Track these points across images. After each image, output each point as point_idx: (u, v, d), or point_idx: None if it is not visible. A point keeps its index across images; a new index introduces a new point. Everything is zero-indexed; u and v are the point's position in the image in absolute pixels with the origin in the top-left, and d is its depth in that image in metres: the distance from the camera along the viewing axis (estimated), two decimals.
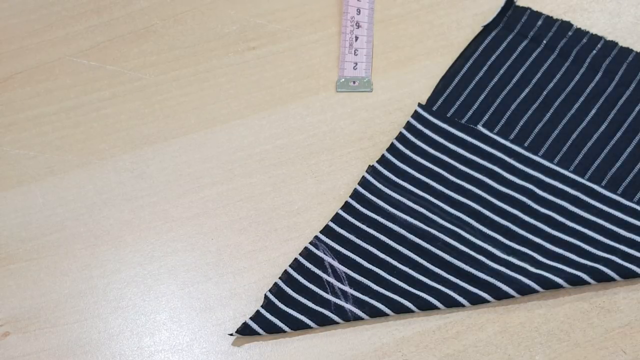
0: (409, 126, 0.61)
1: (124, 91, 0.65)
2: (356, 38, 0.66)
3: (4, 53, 0.67)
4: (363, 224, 0.56)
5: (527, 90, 0.62)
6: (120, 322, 0.54)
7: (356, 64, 0.65)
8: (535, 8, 0.66)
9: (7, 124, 0.63)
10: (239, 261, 0.56)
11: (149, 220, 0.58)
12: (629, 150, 0.59)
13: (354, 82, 0.64)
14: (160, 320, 0.54)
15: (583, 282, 0.53)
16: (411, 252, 0.55)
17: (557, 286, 0.53)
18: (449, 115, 0.61)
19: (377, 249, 0.55)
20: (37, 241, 0.58)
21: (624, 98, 0.61)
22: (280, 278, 0.54)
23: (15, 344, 0.53)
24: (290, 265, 0.55)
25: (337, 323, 0.53)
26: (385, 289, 0.54)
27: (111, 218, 0.58)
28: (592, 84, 0.62)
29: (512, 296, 0.53)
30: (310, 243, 0.56)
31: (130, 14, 0.69)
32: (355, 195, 0.58)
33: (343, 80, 0.64)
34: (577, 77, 0.62)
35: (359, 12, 0.67)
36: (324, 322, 0.53)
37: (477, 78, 0.63)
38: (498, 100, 0.62)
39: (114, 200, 0.59)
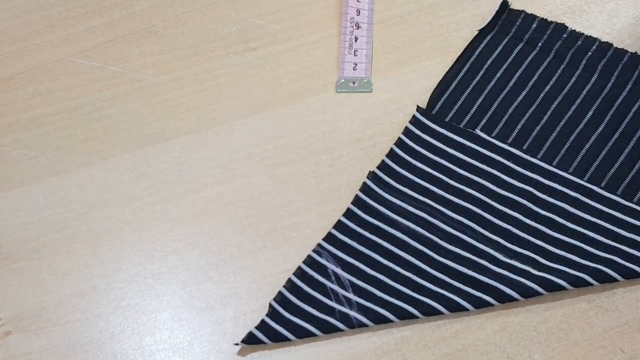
0: (407, 132, 0.61)
1: (125, 91, 0.65)
2: (356, 39, 0.66)
3: (6, 54, 0.67)
4: (365, 230, 0.56)
5: (524, 93, 0.62)
6: (122, 321, 0.55)
7: (356, 64, 0.65)
8: (534, 9, 0.66)
9: (8, 124, 0.63)
10: (240, 261, 0.56)
11: (150, 220, 0.58)
12: (627, 150, 0.59)
13: (354, 83, 0.64)
14: (161, 319, 0.55)
15: (585, 284, 0.53)
16: (414, 257, 0.55)
17: (560, 288, 0.53)
18: (447, 120, 0.61)
19: (380, 255, 0.55)
20: (39, 241, 0.58)
21: (620, 99, 0.61)
22: (284, 286, 0.54)
23: (16, 343, 0.54)
24: (294, 274, 0.55)
25: (342, 330, 0.53)
26: (389, 295, 0.53)
27: (112, 218, 0.59)
28: (589, 86, 0.62)
29: (516, 299, 0.53)
30: (314, 251, 0.56)
31: (131, 14, 0.69)
32: (357, 201, 0.58)
33: (343, 80, 0.64)
34: (574, 79, 0.62)
35: (358, 13, 0.68)
36: (328, 329, 0.53)
37: (474, 82, 0.63)
38: (495, 104, 0.62)
39: (115, 200, 0.59)
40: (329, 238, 0.56)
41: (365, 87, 0.64)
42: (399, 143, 0.60)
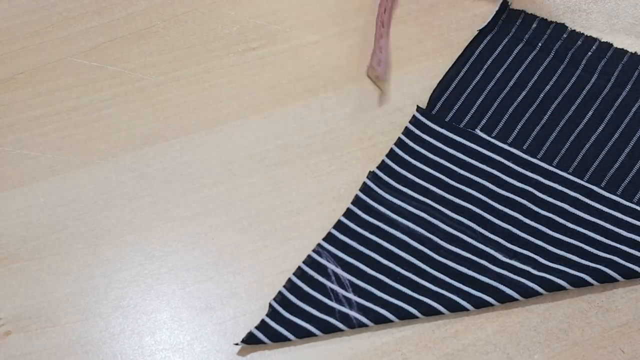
0: (407, 132, 0.61)
1: (125, 91, 0.65)
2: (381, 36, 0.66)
3: (6, 53, 0.67)
4: (365, 230, 0.56)
5: (524, 93, 0.62)
6: (122, 321, 0.55)
7: (380, 60, 0.64)
8: (534, 9, 0.67)
9: (8, 124, 0.63)
10: (239, 261, 0.56)
11: (150, 220, 0.58)
12: (627, 150, 0.59)
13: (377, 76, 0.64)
14: (161, 319, 0.55)
15: (585, 284, 0.53)
16: (414, 257, 0.55)
17: (560, 288, 0.53)
18: (447, 120, 0.62)
19: (380, 255, 0.55)
20: (39, 241, 0.58)
21: (620, 99, 0.61)
22: (284, 286, 0.54)
23: (16, 343, 0.54)
24: (294, 274, 0.55)
25: (342, 330, 0.53)
26: (389, 295, 0.53)
27: (112, 218, 0.59)
28: (589, 86, 0.62)
29: (516, 299, 0.53)
30: (313, 251, 0.56)
31: (131, 14, 0.69)
32: (357, 201, 0.58)
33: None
34: (573, 79, 0.62)
35: (385, 11, 0.67)
36: (328, 329, 0.53)
37: (474, 82, 0.63)
38: (495, 104, 0.62)
39: (115, 200, 0.59)
40: (329, 238, 0.56)
41: (383, 83, 0.64)
42: (399, 143, 0.60)
